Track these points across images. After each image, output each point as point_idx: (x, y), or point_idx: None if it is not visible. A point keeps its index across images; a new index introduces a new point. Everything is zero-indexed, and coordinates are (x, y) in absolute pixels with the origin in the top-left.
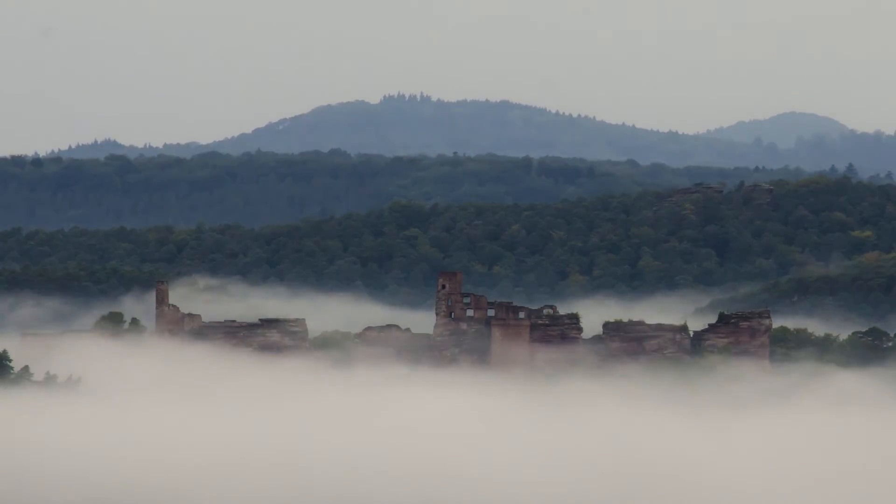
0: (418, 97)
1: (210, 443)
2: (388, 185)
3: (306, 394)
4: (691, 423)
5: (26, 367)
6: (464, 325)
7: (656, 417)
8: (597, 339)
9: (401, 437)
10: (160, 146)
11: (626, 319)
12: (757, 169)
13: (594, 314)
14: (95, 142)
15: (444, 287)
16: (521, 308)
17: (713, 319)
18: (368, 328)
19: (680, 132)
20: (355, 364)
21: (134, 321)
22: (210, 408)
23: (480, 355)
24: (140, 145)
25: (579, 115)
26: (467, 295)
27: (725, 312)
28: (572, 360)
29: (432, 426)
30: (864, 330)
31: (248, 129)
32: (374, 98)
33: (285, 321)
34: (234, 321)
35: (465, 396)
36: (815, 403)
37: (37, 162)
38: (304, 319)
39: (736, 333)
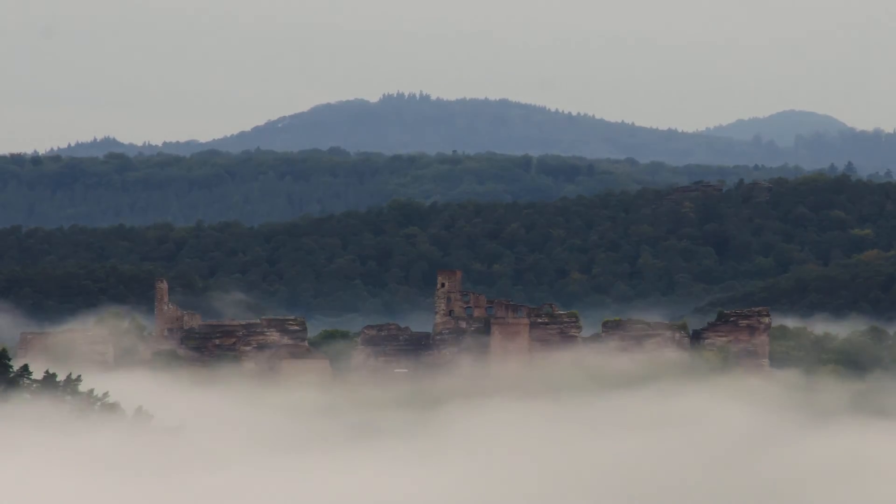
0: (417, 95)
1: None
2: (387, 184)
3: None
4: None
5: (25, 366)
6: (463, 324)
7: None
8: (596, 337)
9: None
10: (159, 144)
11: (625, 318)
12: (756, 167)
13: (593, 312)
14: (95, 140)
15: (443, 285)
16: (521, 306)
17: (712, 318)
18: (368, 326)
19: (679, 130)
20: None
21: (133, 320)
22: None
23: (479, 354)
24: (139, 143)
25: (578, 114)
26: (466, 293)
27: (725, 311)
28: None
29: None
30: (863, 328)
31: (248, 128)
32: (373, 96)
33: (285, 320)
34: (233, 320)
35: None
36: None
37: (36, 160)
38: (303, 318)
39: (735, 332)
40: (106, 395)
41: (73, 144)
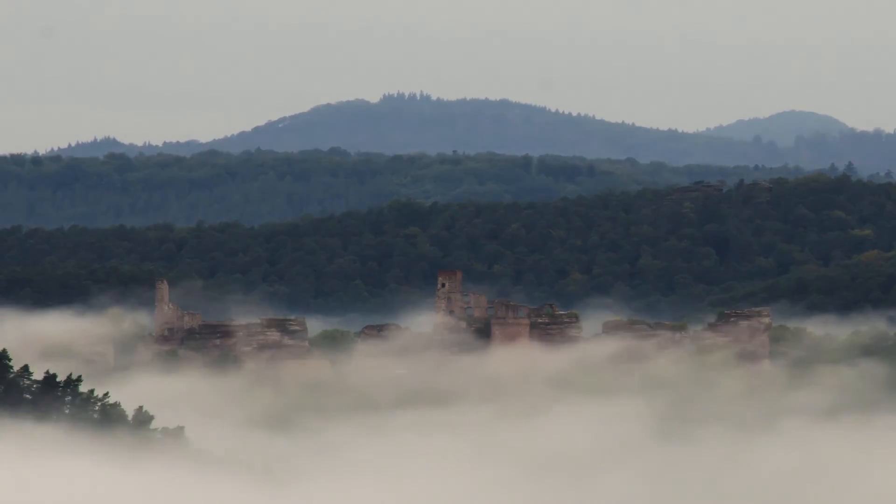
0: (418, 96)
1: None
2: (387, 184)
3: None
4: None
5: (26, 367)
6: (463, 324)
7: None
8: (596, 337)
9: None
10: (160, 144)
11: (625, 318)
12: (756, 167)
13: (594, 313)
14: (95, 140)
15: (443, 286)
16: (521, 307)
17: (713, 318)
18: (368, 327)
19: (679, 130)
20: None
21: (134, 320)
22: None
23: (480, 354)
24: (139, 144)
25: (579, 114)
26: (467, 293)
27: (725, 311)
28: None
29: None
30: (863, 329)
31: (248, 128)
32: (373, 97)
33: (285, 320)
34: (233, 320)
35: None
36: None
37: (36, 160)
38: (303, 318)
39: (735, 332)
40: (106, 395)
41: (73, 144)
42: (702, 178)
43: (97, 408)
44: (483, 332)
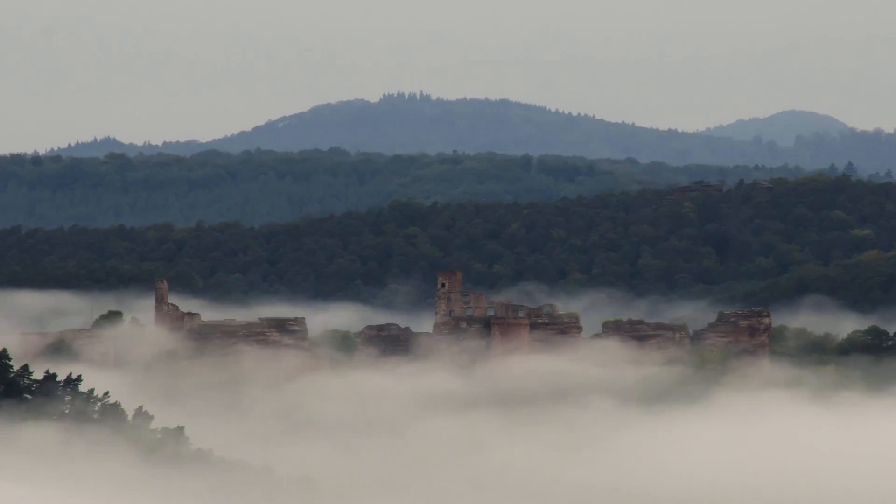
0: (418, 96)
1: None
2: (387, 184)
3: None
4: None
5: (26, 366)
6: (463, 324)
7: None
8: (596, 337)
9: None
10: (159, 144)
11: (625, 318)
12: (756, 167)
13: (594, 313)
14: (95, 140)
15: (443, 285)
16: (521, 306)
17: (713, 318)
18: (368, 327)
19: (679, 130)
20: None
21: (133, 320)
22: None
23: (479, 354)
24: (139, 143)
25: (579, 114)
26: (467, 293)
27: (725, 311)
28: None
29: None
30: (863, 329)
31: (248, 128)
32: (373, 96)
33: (285, 320)
34: (233, 320)
35: None
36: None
37: (36, 160)
38: (303, 318)
39: (735, 332)
40: (106, 395)
41: (73, 144)
42: (702, 178)
43: (97, 407)
44: (483, 331)
